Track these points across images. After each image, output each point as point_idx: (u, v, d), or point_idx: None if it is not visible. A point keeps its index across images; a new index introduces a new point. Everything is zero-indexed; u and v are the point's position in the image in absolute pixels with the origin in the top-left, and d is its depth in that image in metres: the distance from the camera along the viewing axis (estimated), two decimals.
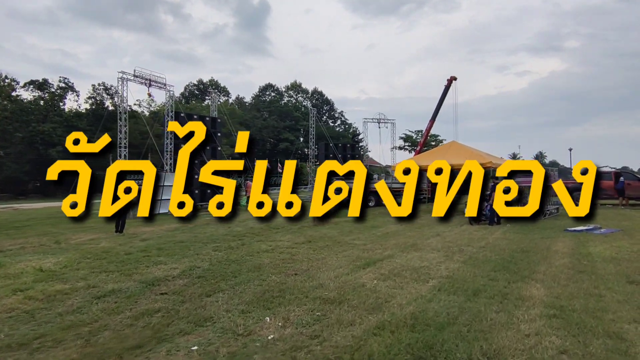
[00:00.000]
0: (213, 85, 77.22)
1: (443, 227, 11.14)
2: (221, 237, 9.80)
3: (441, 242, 8.58)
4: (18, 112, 43.06)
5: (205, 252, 7.66)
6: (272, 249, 7.98)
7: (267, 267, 6.36)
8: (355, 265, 6.39)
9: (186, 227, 12.28)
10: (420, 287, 5.08)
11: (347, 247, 8.15)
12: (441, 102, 26.71)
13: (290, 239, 9.33)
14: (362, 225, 11.73)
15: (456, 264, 6.40)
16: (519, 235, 9.40)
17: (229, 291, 5.01)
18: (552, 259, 6.59)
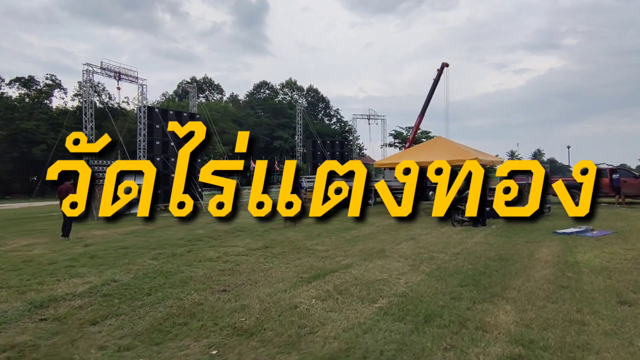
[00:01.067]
0: (207, 83, 76.16)
1: (421, 229, 10.21)
2: (173, 242, 8.84)
3: (413, 247, 7.63)
4: (2, 109, 41.96)
5: (139, 261, 6.70)
6: (219, 256, 7.02)
7: (196, 280, 5.40)
8: (301, 278, 5.43)
9: (145, 229, 11.33)
10: (364, 309, 4.12)
11: (305, 254, 7.19)
12: (431, 94, 25.29)
13: (247, 244, 8.38)
14: (334, 227, 10.80)
15: (420, 276, 5.45)
16: (501, 239, 8.45)
17: (126, 316, 4.05)
18: (532, 270, 5.64)
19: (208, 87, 77.83)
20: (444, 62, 25.54)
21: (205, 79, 75.52)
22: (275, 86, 77.40)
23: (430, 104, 26.39)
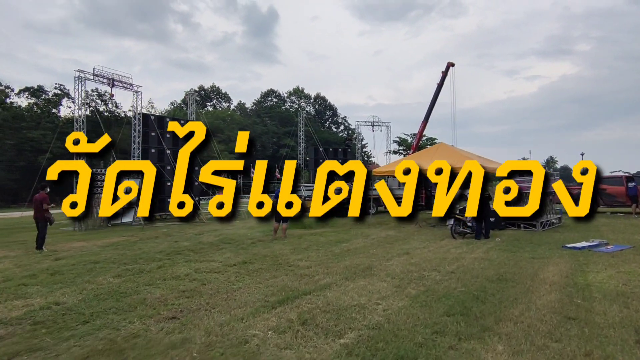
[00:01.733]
0: (214, 92, 76.61)
1: (419, 242, 9.45)
2: (151, 255, 8.24)
3: (404, 264, 6.89)
4: (10, 119, 42.39)
5: (99, 279, 6.10)
6: (188, 274, 6.39)
7: (148, 304, 4.76)
8: (266, 302, 4.76)
9: (129, 241, 10.78)
10: (324, 347, 3.43)
11: (283, 271, 6.51)
12: (435, 99, 24.14)
13: (227, 258, 7.74)
14: (326, 239, 10.12)
15: (402, 300, 4.73)
16: (504, 254, 7.66)
17: (43, 352, 3.43)
18: (534, 294, 4.87)
19: (216, 96, 78.24)
20: (449, 62, 24.23)
21: (213, 87, 75.94)
22: (283, 94, 77.43)
23: (435, 109, 25.35)
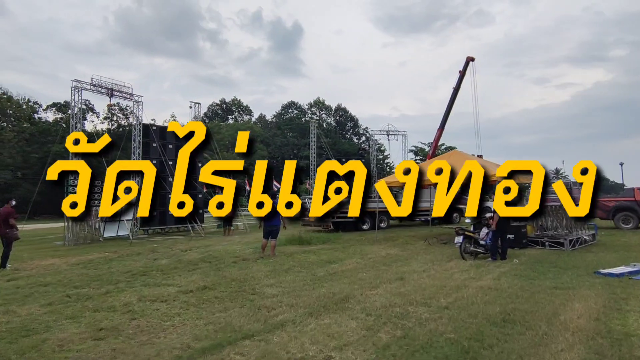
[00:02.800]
0: (236, 105, 77.44)
1: (421, 264, 8.12)
2: (113, 276, 7.37)
3: (391, 293, 5.63)
4: (37, 134, 43.92)
5: (22, 309, 5.21)
6: (128, 303, 5.40)
7: (42, 350, 3.77)
8: (186, 350, 3.66)
9: (107, 258, 9.97)
10: None
11: (241, 301, 5.41)
12: (452, 103, 22.16)
13: (189, 282, 6.72)
14: (317, 259, 8.97)
15: (365, 353, 3.51)
16: (519, 281, 6.24)
17: None
18: (549, 348, 3.52)
19: (237, 109, 79.11)
20: (468, 57, 22.26)
21: (235, 100, 76.81)
22: (303, 106, 77.30)
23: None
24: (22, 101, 45.31)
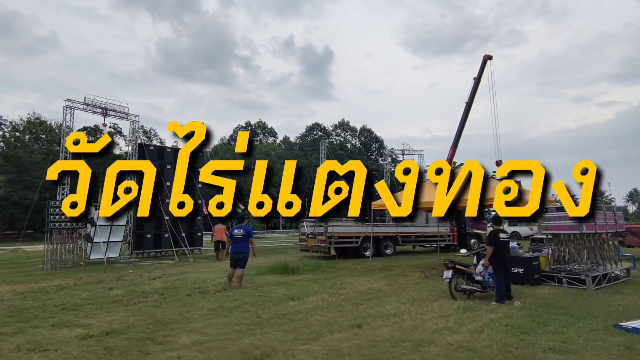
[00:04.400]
0: (261, 127, 78.33)
1: (398, 304, 6.77)
2: (47, 310, 6.70)
3: (327, 350, 4.32)
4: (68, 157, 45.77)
5: None
6: (17, 347, 4.54)
7: None
8: None
9: (64, 286, 9.18)
10: None
11: (136, 354, 4.31)
12: (465, 118, 19.67)
13: (107, 322, 5.75)
14: (284, 294, 7.80)
15: None
16: (507, 336, 4.71)
17: None
18: None
19: (262, 131, 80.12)
20: (486, 55, 19.85)
21: (259, 122, 77.87)
22: (328, 127, 77.20)
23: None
24: (55, 125, 47.56)
